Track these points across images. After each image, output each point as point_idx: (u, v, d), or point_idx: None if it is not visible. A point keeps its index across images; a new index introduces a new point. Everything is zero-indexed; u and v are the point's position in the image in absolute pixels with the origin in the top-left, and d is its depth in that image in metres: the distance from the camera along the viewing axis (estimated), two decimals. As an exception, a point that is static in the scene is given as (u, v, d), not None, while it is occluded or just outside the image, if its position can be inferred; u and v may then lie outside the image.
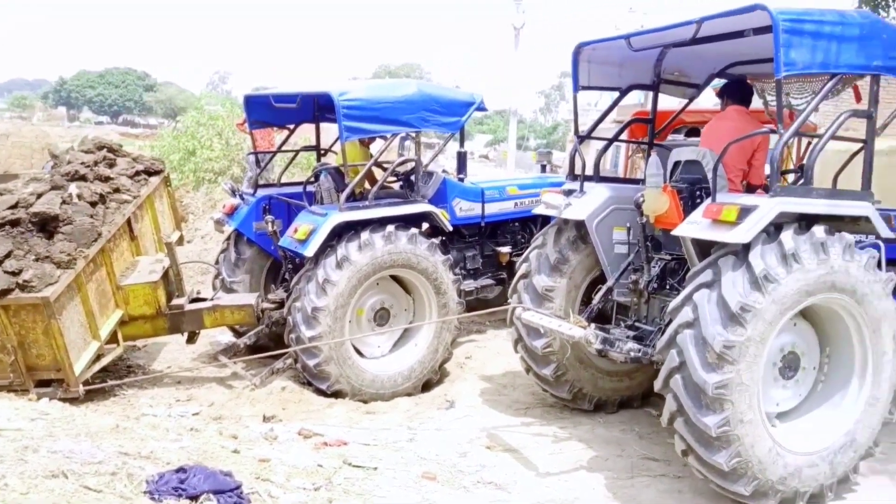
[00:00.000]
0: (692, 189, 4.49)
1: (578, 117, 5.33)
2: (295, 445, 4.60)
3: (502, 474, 4.34)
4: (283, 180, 7.42)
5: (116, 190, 5.89)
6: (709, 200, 3.95)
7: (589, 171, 5.15)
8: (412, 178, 6.34)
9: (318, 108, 6.96)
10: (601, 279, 5.02)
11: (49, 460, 3.16)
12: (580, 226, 4.92)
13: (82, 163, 5.77)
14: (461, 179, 7.13)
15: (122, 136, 32.05)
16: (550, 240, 5.08)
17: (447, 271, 6.01)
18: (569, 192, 5.00)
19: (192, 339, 6.23)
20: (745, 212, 3.66)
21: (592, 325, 4.45)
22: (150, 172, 6.46)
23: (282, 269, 6.58)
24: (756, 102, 5.17)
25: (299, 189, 6.55)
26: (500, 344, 7.00)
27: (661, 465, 4.52)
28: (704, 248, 4.03)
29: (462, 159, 7.40)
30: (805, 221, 3.80)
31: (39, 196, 5.25)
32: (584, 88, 5.09)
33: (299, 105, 6.33)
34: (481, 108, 6.57)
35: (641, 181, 5.14)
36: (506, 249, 7.12)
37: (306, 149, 7.68)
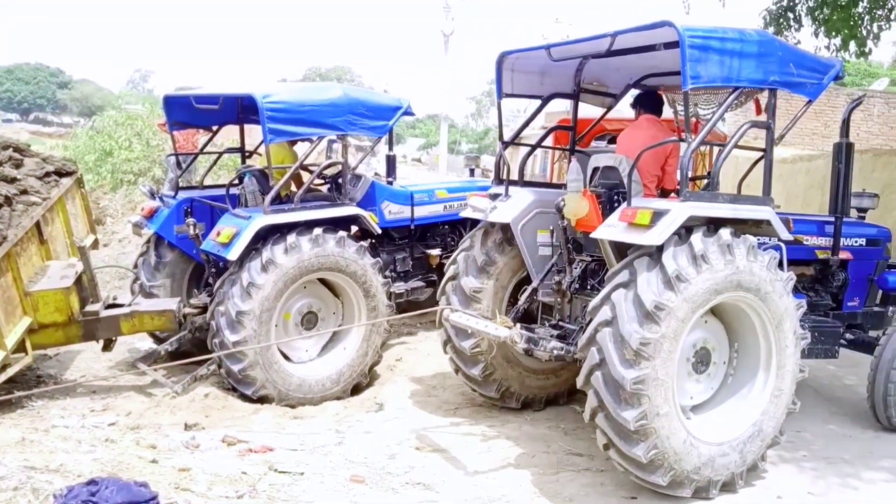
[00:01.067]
0: (610, 194, 4.66)
1: (503, 124, 5.45)
2: (218, 453, 4.46)
3: (431, 474, 4.36)
4: (207, 183, 7.18)
5: (24, 192, 5.54)
6: (625, 205, 4.12)
7: (514, 176, 5.26)
8: (339, 181, 6.27)
9: (242, 109, 6.80)
10: (527, 280, 5.14)
11: (-58, 477, 2.93)
12: (506, 229, 5.03)
13: None
14: (390, 183, 7.13)
15: (34, 135, 30.12)
16: (478, 242, 5.16)
17: (376, 274, 5.98)
18: (495, 196, 5.10)
19: (108, 346, 5.93)
20: (657, 216, 3.84)
21: (518, 325, 4.54)
22: (61, 173, 6.11)
23: (205, 273, 6.37)
24: (667, 112, 5.43)
25: (223, 192, 6.37)
26: (430, 346, 7.01)
27: (585, 459, 4.65)
28: (622, 249, 4.20)
29: (391, 163, 7.41)
30: (713, 225, 4.02)
31: None
32: (508, 96, 5.22)
33: (222, 106, 6.17)
34: (409, 113, 6.58)
35: (564, 186, 5.29)
36: (435, 252, 7.18)
37: (230, 150, 7.47)
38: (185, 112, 6.50)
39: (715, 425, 4.24)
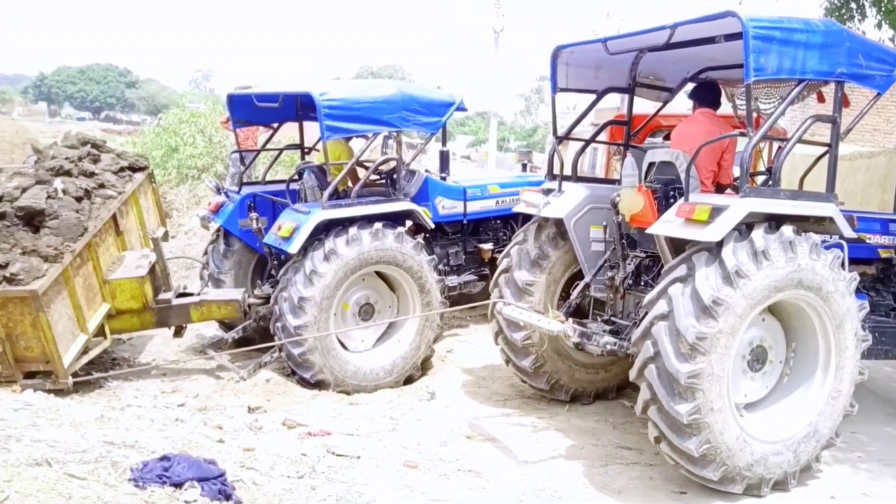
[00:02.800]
0: (666, 189, 4.56)
1: (557, 119, 5.37)
2: (279, 435, 4.58)
3: (482, 463, 4.38)
4: (268, 178, 7.35)
5: (101, 185, 5.79)
6: (681, 200, 4.01)
7: (567, 172, 5.20)
8: (394, 176, 6.33)
9: (300, 107, 6.91)
10: (579, 275, 5.08)
11: (32, 449, 3.11)
12: (559, 223, 4.97)
13: (66, 158, 5.65)
14: (444, 178, 7.14)
15: (104, 133, 31.41)
16: (531, 236, 5.12)
17: (431, 271, 6.03)
18: (548, 192, 5.04)
19: (178, 332, 6.18)
20: (716, 211, 3.73)
21: (570, 320, 4.50)
22: (134, 168, 6.36)
23: (267, 265, 6.54)
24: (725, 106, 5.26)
25: (283, 187, 6.52)
26: (481, 338, 7.03)
27: (634, 453, 4.59)
28: (677, 245, 4.11)
29: (444, 158, 7.40)
30: (774, 221, 3.88)
31: (24, 190, 5.15)
32: (562, 90, 5.14)
33: (281, 104, 6.29)
34: (461, 109, 6.56)
35: (617, 181, 5.20)
36: (488, 246, 7.16)
37: (290, 147, 7.62)
38: (247, 110, 6.65)
39: (769, 424, 4.12)
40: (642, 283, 4.76)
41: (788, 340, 4.25)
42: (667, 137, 7.01)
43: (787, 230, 3.82)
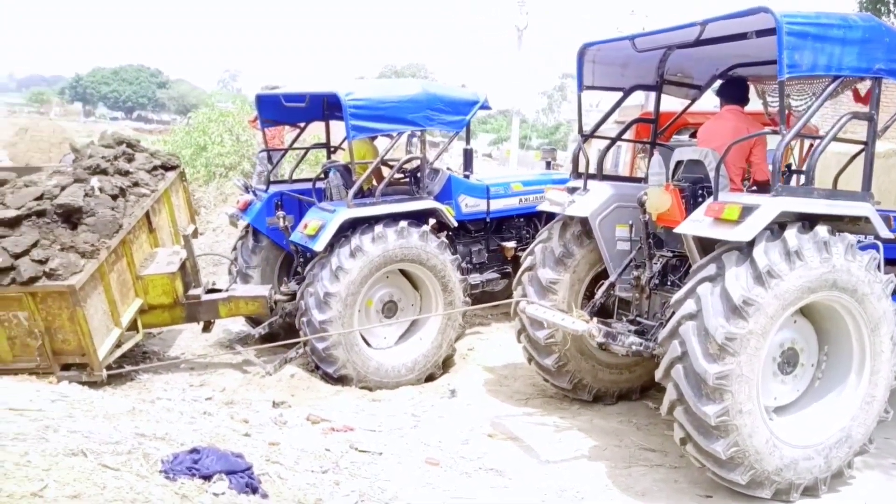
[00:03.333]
0: (694, 188, 4.48)
1: (582, 116, 5.31)
2: (303, 430, 4.62)
3: (503, 461, 4.36)
4: (294, 177, 7.43)
5: (136, 184, 5.92)
6: (710, 199, 3.94)
7: (592, 170, 5.16)
8: (418, 175, 6.35)
9: (327, 106, 6.96)
10: (603, 275, 5.02)
11: (69, 439, 3.18)
12: (585, 221, 4.92)
13: (103, 157, 5.80)
14: (466, 176, 7.13)
15: (136, 132, 31.99)
16: (556, 234, 5.08)
17: (455, 271, 6.03)
18: (573, 190, 4.99)
19: (207, 328, 6.28)
20: (746, 211, 3.65)
21: (595, 320, 4.45)
22: (166, 167, 6.50)
23: (294, 262, 6.61)
24: (754, 103, 5.15)
25: (310, 185, 6.57)
26: (502, 336, 7.02)
27: (658, 455, 4.53)
28: (706, 245, 4.03)
29: (468, 156, 7.39)
30: (807, 221, 3.78)
31: (63, 188, 5.28)
32: (588, 88, 5.08)
33: (308, 104, 6.34)
34: (485, 107, 6.54)
35: (643, 180, 5.13)
36: (511, 244, 7.13)
37: (317, 146, 7.69)
38: (275, 110, 6.71)
39: (799, 428, 4.03)
40: (669, 283, 4.69)
41: (821, 343, 4.15)
42: (693, 135, 6.90)
43: (822, 230, 3.73)
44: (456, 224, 6.44)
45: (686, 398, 3.71)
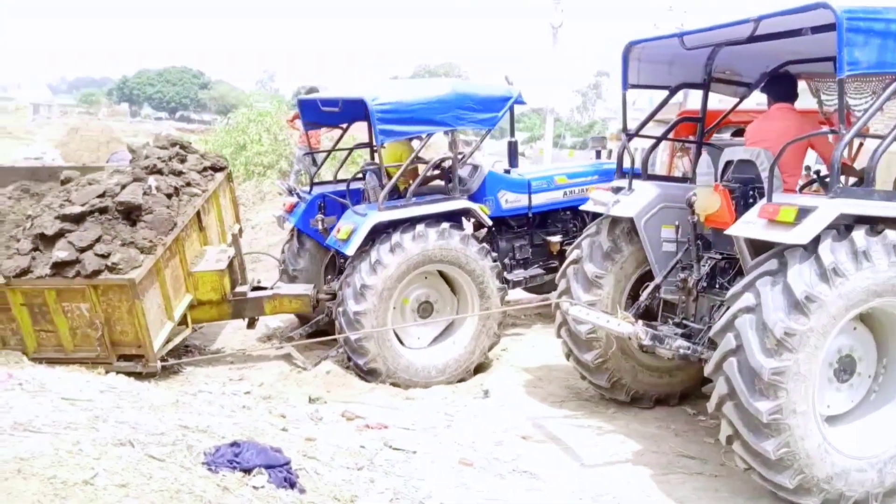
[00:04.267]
0: (744, 189, 4.32)
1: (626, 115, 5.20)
2: (338, 426, 4.64)
3: (537, 464, 4.29)
4: (339, 177, 7.50)
5: (188, 184, 6.11)
6: (764, 200, 3.79)
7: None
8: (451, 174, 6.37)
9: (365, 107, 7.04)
10: (648, 276, 4.91)
11: (117, 430, 3.27)
12: (626, 225, 4.83)
13: (159, 157, 6.01)
14: (507, 172, 7.01)
15: (179, 131, 32.80)
16: (605, 229, 4.97)
17: (494, 278, 5.97)
18: (617, 190, 4.89)
19: (251, 324, 6.44)
20: (803, 213, 3.51)
21: (640, 322, 4.34)
22: (215, 168, 6.68)
23: (337, 261, 6.70)
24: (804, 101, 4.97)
25: (352, 185, 6.64)
26: (537, 337, 6.96)
27: (698, 463, 4.40)
28: (758, 247, 3.89)
29: (512, 149, 7.18)
30: (869, 225, 3.62)
31: (123, 187, 5.48)
32: (633, 87, 4.96)
33: (342, 108, 6.39)
34: (519, 102, 6.40)
35: (689, 180, 4.98)
36: (556, 239, 6.97)
37: (359, 146, 7.77)
38: (316, 113, 6.78)
39: (852, 439, 3.84)
40: (717, 286, 4.53)
41: (880, 355, 3.95)
42: (736, 134, 6.72)
43: (892, 234, 3.56)
44: (490, 223, 6.36)
45: (738, 393, 3.55)
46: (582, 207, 5.47)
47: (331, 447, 4.12)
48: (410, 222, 5.66)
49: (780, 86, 4.63)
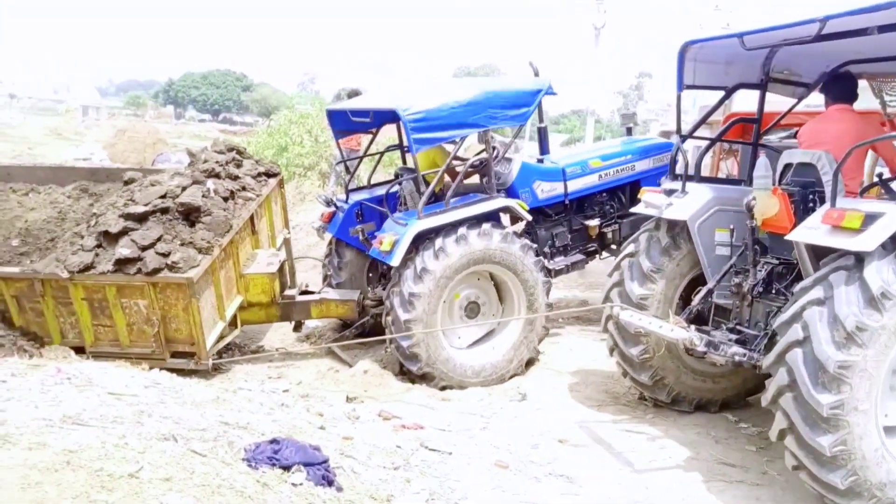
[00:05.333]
0: (804, 193, 4.18)
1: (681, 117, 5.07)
2: (375, 426, 4.64)
3: (573, 468, 4.21)
4: (372, 181, 7.53)
5: (243, 188, 6.23)
6: (827, 205, 3.65)
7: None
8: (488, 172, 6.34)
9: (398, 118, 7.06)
10: (701, 279, 4.80)
11: (161, 425, 3.34)
12: (682, 225, 4.71)
13: (217, 162, 6.15)
14: (540, 161, 6.93)
15: (222, 133, 33.59)
16: (664, 225, 4.90)
17: (543, 292, 5.97)
18: (670, 192, 4.79)
19: (298, 327, 6.55)
20: (870, 219, 3.36)
21: (692, 327, 4.25)
22: (268, 174, 6.79)
23: (380, 267, 6.74)
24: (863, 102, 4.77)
25: (387, 189, 6.66)
26: (574, 340, 6.86)
27: (739, 471, 4.26)
28: (819, 253, 3.76)
29: (543, 135, 7.11)
30: None
31: (184, 189, 5.62)
32: (689, 87, 4.84)
33: (373, 119, 6.41)
34: (550, 93, 6.29)
35: (743, 182, 4.83)
36: (594, 222, 6.89)
37: (391, 148, 7.80)
38: (345, 122, 6.79)
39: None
40: (773, 291, 4.38)
41: None
42: (793, 136, 6.48)
43: None
44: (530, 218, 6.30)
45: (799, 384, 3.46)
46: (633, 210, 5.37)
47: (367, 446, 4.13)
48: (454, 224, 5.65)
49: (840, 86, 4.44)
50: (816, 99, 4.91)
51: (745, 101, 5.83)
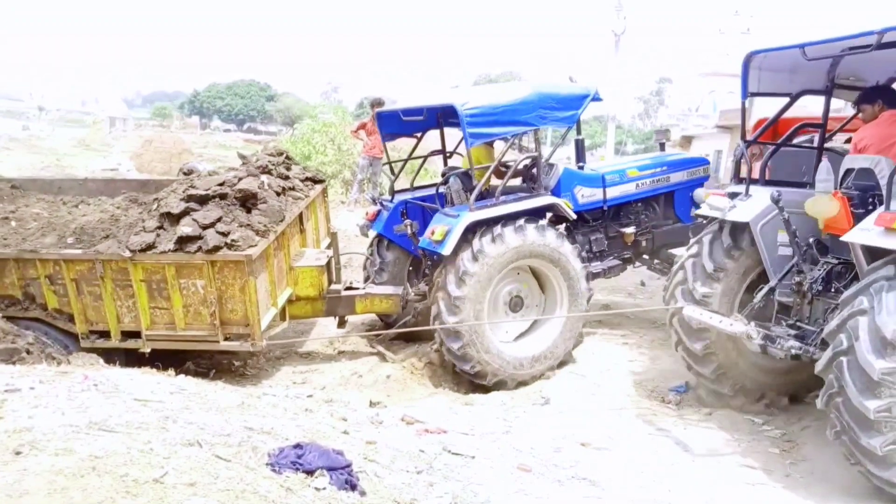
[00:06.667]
0: (864, 196, 4.24)
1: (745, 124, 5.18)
2: (398, 430, 4.63)
3: (596, 471, 4.14)
4: (411, 183, 7.71)
5: (292, 189, 6.40)
6: (881, 208, 3.74)
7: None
8: (533, 171, 6.34)
9: (441, 115, 7.07)
10: (763, 279, 4.90)
11: (186, 430, 3.36)
12: (743, 228, 4.85)
13: (269, 161, 6.34)
14: (581, 167, 7.02)
15: (247, 143, 34.04)
16: (727, 227, 5.00)
17: (583, 278, 6.09)
18: (734, 195, 4.90)
19: (342, 323, 6.64)
20: None
21: (752, 322, 4.36)
22: (314, 181, 6.99)
23: (421, 265, 6.86)
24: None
25: (431, 191, 6.82)
26: (596, 344, 6.78)
27: (762, 474, 4.20)
28: (874, 254, 3.83)
29: (580, 147, 7.25)
30: None
31: (240, 179, 5.77)
32: (753, 95, 4.91)
33: (426, 117, 6.52)
34: (596, 99, 6.43)
35: (807, 185, 4.91)
36: (630, 230, 7.00)
37: (434, 153, 7.86)
38: (394, 124, 6.94)
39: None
40: (832, 290, 4.48)
41: None
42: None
43: None
44: (574, 217, 6.40)
45: (847, 391, 3.63)
46: (697, 212, 5.45)
47: (391, 450, 4.10)
48: (489, 224, 5.76)
49: (892, 92, 4.50)
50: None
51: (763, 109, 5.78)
